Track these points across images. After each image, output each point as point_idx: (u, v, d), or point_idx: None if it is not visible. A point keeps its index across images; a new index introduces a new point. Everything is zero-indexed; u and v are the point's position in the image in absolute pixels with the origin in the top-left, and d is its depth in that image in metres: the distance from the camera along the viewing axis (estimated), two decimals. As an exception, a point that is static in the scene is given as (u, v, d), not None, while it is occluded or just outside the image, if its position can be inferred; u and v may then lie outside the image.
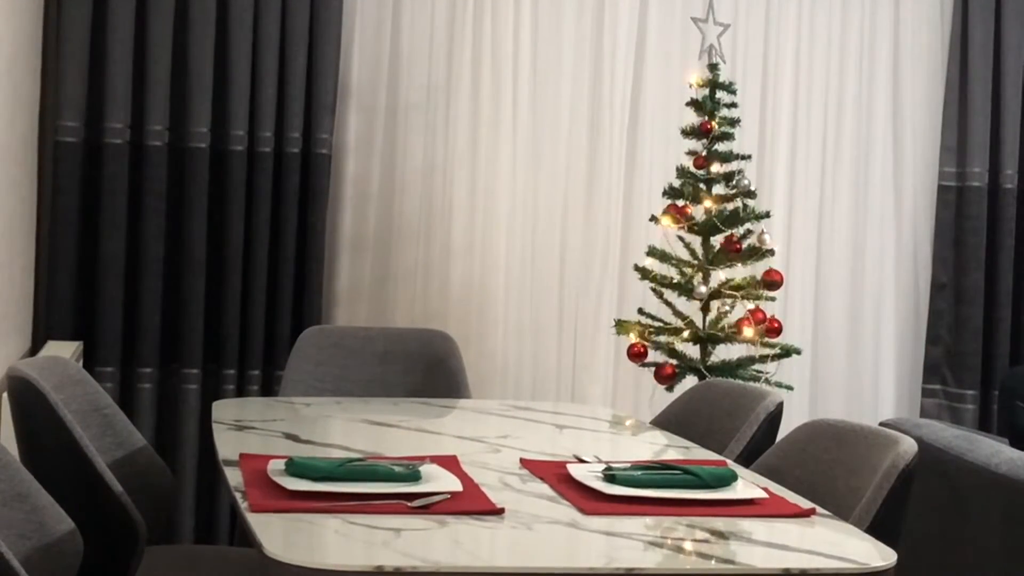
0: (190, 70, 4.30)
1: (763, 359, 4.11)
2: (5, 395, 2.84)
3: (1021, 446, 3.54)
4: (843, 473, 2.56)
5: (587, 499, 2.33)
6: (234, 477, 2.38)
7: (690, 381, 4.05)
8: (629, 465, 2.52)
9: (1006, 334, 4.91)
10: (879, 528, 2.30)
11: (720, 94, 4.19)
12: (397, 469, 2.36)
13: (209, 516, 4.39)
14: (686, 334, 4.13)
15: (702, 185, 4.16)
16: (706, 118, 4.16)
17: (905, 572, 2.29)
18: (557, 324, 4.70)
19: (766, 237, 4.12)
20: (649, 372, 4.13)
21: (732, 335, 4.08)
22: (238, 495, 2.25)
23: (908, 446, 2.43)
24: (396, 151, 4.58)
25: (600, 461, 2.63)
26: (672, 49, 4.76)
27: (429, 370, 3.84)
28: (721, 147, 4.16)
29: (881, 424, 3.37)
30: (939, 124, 4.92)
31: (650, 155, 4.72)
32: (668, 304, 4.21)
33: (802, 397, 4.77)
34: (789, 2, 4.84)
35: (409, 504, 2.21)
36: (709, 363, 4.12)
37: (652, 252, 4.21)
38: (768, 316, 4.11)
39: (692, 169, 4.17)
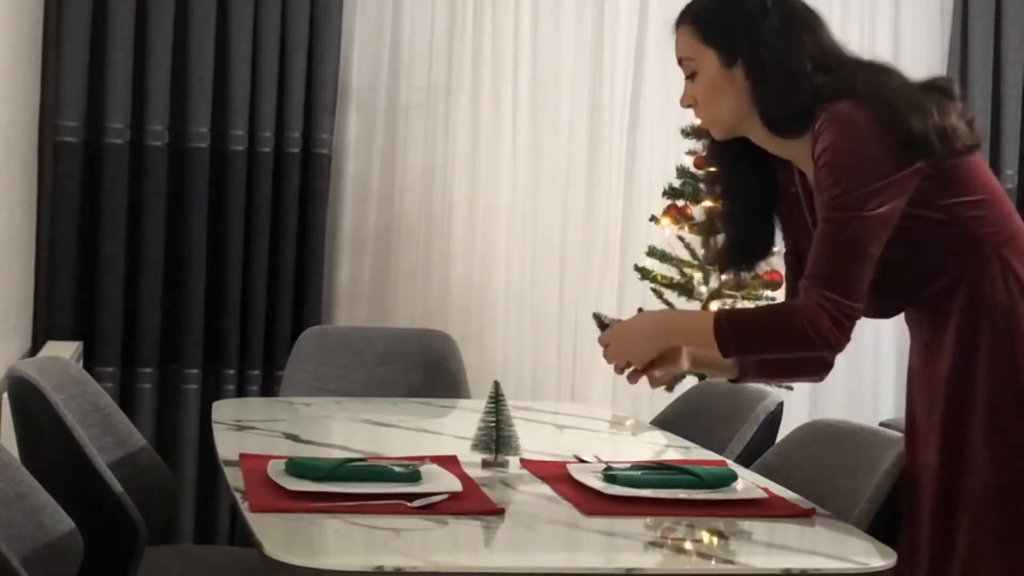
0: (190, 70, 4.30)
1: (763, 359, 4.11)
2: (5, 395, 2.84)
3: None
4: (843, 473, 2.56)
5: (587, 499, 2.33)
6: (234, 477, 2.38)
7: (690, 381, 4.05)
8: (629, 465, 2.52)
9: (1006, 334, 4.90)
10: (879, 528, 2.30)
11: (720, 94, 4.18)
12: (397, 469, 2.36)
13: (209, 516, 4.39)
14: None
15: (702, 185, 4.16)
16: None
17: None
18: (557, 324, 4.69)
19: (766, 237, 4.11)
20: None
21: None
22: (238, 495, 2.25)
23: (908, 446, 2.43)
24: (396, 151, 4.58)
25: (600, 461, 2.63)
26: (672, 49, 4.74)
27: (429, 370, 3.84)
28: (721, 147, 4.16)
29: (881, 424, 3.37)
30: (939, 124, 4.91)
31: (650, 155, 4.72)
32: (668, 304, 4.21)
33: (802, 397, 4.76)
34: (789, 2, 4.83)
35: (409, 504, 2.21)
36: (709, 363, 4.11)
37: (652, 252, 4.21)
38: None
39: (692, 169, 4.17)
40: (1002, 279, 2.22)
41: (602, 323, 2.44)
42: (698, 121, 4.00)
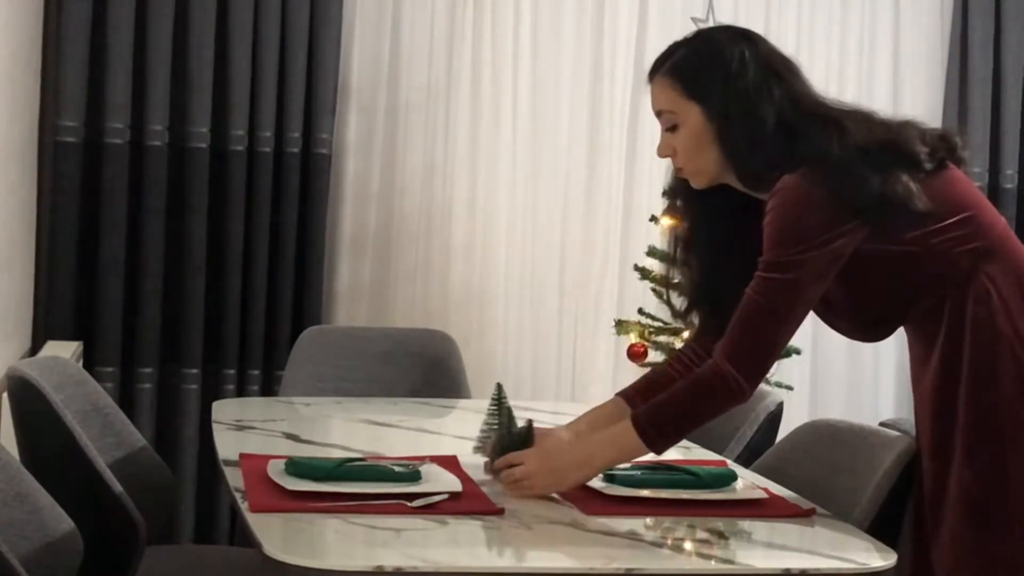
0: (190, 70, 4.30)
1: (763, 359, 4.10)
2: (5, 395, 2.84)
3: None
4: (843, 473, 2.56)
5: (587, 499, 2.33)
6: (234, 477, 2.38)
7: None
8: (629, 465, 2.52)
9: (1006, 334, 4.90)
10: (879, 528, 2.31)
11: (720, 94, 4.18)
12: (397, 469, 2.36)
13: (209, 516, 4.39)
14: (686, 334, 4.13)
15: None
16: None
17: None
18: (557, 324, 4.69)
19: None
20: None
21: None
22: (238, 495, 2.25)
23: (908, 446, 2.44)
24: (396, 151, 4.58)
25: (600, 461, 2.62)
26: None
27: (429, 370, 3.84)
28: (721, 147, 4.15)
29: (881, 424, 3.37)
30: (939, 124, 4.91)
31: (650, 155, 4.71)
32: (668, 304, 4.20)
33: (802, 397, 4.76)
34: (789, 2, 4.83)
35: (409, 504, 2.21)
36: (709, 363, 4.11)
37: (652, 252, 4.21)
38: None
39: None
40: (983, 293, 2.25)
41: (501, 399, 2.58)
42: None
